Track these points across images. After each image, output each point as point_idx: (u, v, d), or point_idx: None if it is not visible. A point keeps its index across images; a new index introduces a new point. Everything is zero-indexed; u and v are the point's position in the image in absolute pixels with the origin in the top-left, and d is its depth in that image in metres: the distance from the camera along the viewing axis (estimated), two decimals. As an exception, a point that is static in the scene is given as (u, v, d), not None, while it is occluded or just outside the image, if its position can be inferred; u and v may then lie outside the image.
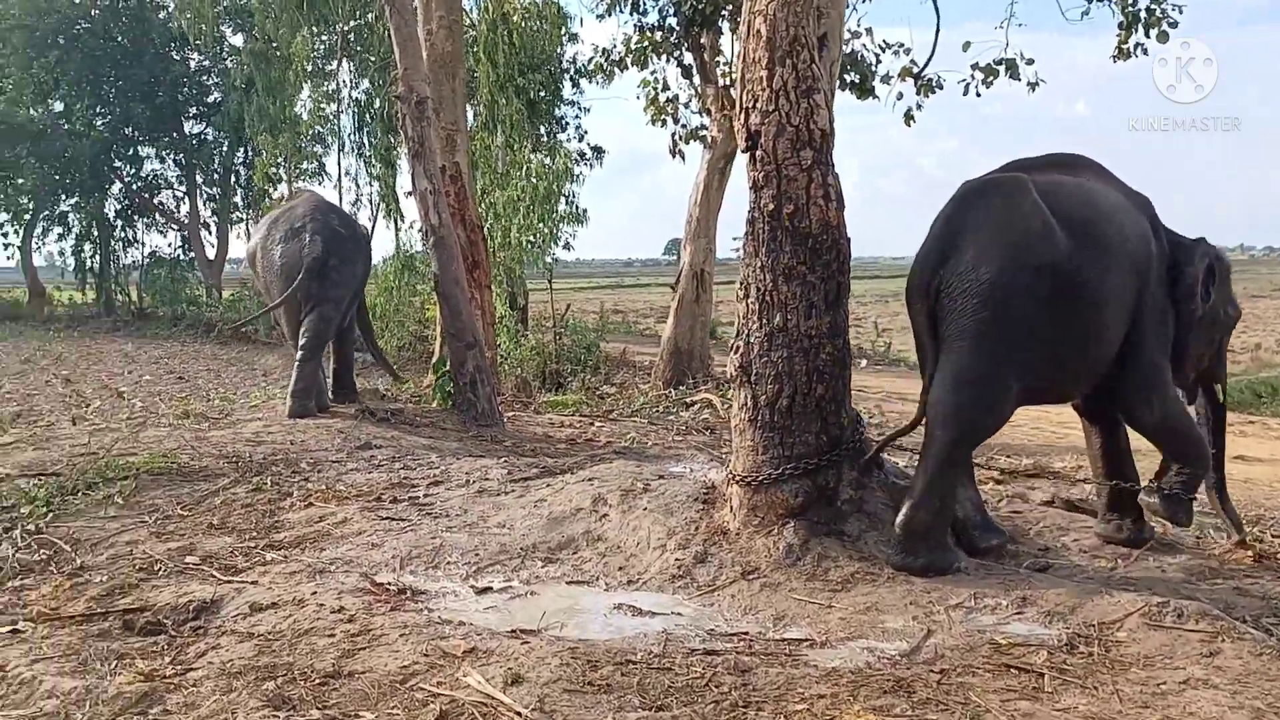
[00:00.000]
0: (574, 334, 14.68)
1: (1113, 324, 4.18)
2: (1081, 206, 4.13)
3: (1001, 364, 3.95)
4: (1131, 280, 4.19)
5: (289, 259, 8.07)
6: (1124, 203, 4.36)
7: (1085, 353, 4.20)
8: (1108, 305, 4.11)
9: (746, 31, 4.15)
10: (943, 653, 3.23)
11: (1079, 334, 4.09)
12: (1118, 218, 4.22)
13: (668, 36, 13.30)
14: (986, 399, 3.99)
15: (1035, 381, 4.09)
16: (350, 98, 22.51)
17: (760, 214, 4.12)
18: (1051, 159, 4.46)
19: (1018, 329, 3.93)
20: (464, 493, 5.29)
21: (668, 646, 3.33)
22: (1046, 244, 3.94)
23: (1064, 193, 4.14)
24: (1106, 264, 4.07)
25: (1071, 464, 7.69)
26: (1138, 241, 4.25)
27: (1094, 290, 4.05)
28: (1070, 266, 3.96)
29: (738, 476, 4.24)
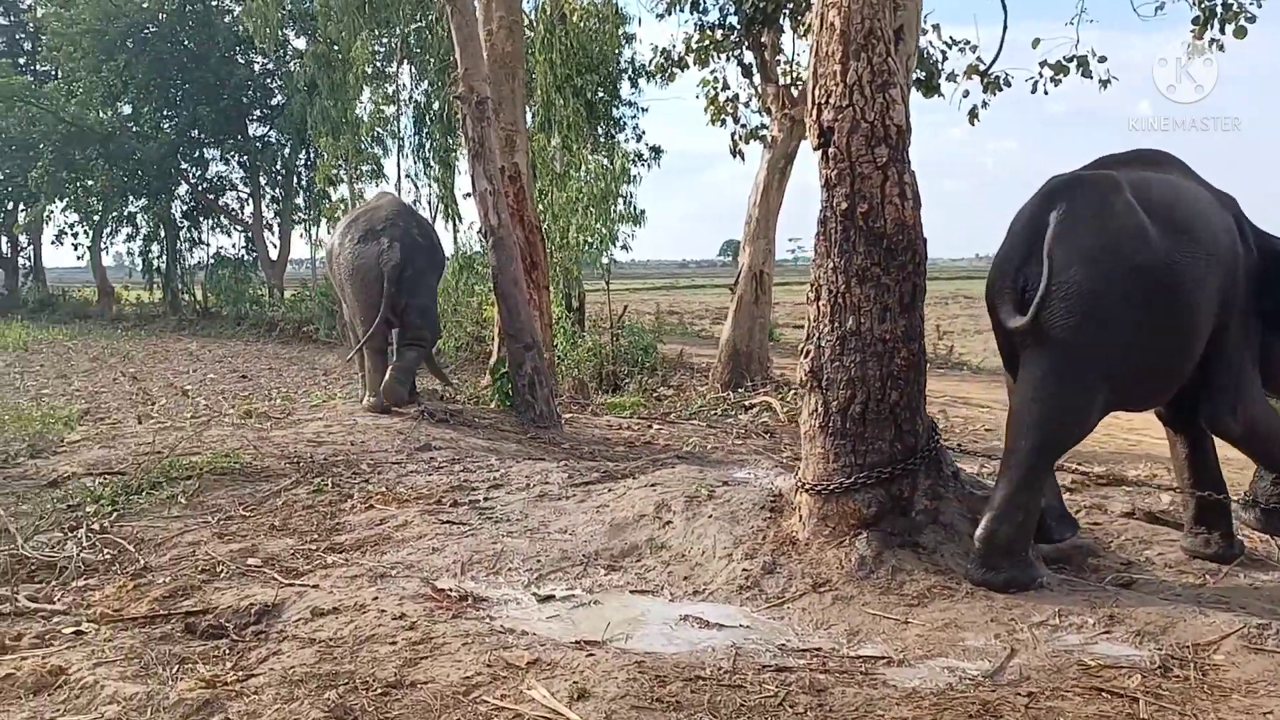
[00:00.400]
0: (631, 335, 14.59)
1: (1204, 328, 3.98)
2: (1175, 204, 3.92)
3: (1090, 370, 3.75)
4: (1219, 287, 3.98)
5: (365, 262, 8.08)
6: (1213, 201, 4.15)
7: (1176, 358, 3.99)
8: (1200, 308, 3.91)
9: (820, 24, 4.01)
10: (1028, 674, 3.07)
11: (1172, 339, 3.89)
12: (1209, 216, 4.02)
13: (728, 35, 13.15)
14: (1073, 407, 3.80)
15: (1123, 388, 3.89)
16: (410, 100, 22.72)
17: (833, 213, 3.98)
18: (1137, 155, 4.26)
19: (1109, 333, 3.73)
20: (524, 497, 5.22)
21: (738, 662, 3.22)
22: (1141, 243, 3.74)
23: (1155, 190, 3.94)
24: (1201, 265, 3.87)
25: (1145, 472, 7.43)
26: (1227, 241, 4.05)
27: (1189, 292, 3.84)
28: (1165, 267, 3.76)
29: (808, 485, 4.10)
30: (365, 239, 8.18)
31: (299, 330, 22.03)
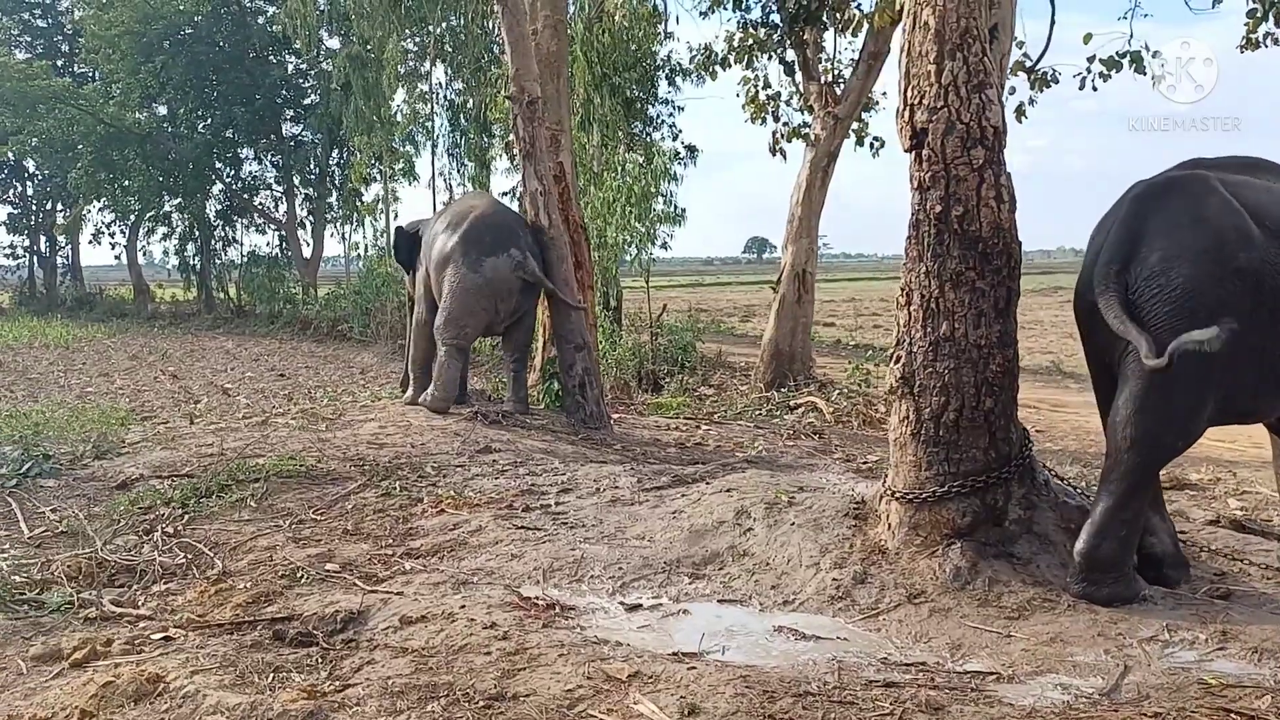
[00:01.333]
0: (670, 334, 14.53)
1: None
2: (1276, 207, 3.81)
3: (1195, 379, 3.64)
4: None
5: (499, 273, 8.07)
6: None
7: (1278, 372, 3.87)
8: None
9: (912, 24, 3.93)
10: (1147, 692, 2.99)
11: (1272, 351, 3.77)
12: None
13: (771, 33, 13.07)
14: (1178, 418, 3.69)
15: (1231, 398, 3.78)
16: (444, 99, 22.76)
17: (926, 216, 3.90)
18: (1231, 160, 4.14)
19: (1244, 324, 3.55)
20: (596, 501, 5.17)
21: (843, 676, 3.15)
22: (1245, 245, 3.62)
23: (1255, 194, 3.82)
24: None
25: (1209, 475, 7.32)
26: None
27: None
28: (1270, 269, 3.64)
29: (898, 493, 4.02)
30: (495, 248, 8.10)
31: (333, 328, 22.11)
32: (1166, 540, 3.97)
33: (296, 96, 28.58)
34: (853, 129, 13.23)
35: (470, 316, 8.18)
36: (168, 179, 27.59)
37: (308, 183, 29.07)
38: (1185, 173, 3.93)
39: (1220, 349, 3.43)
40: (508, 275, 8.09)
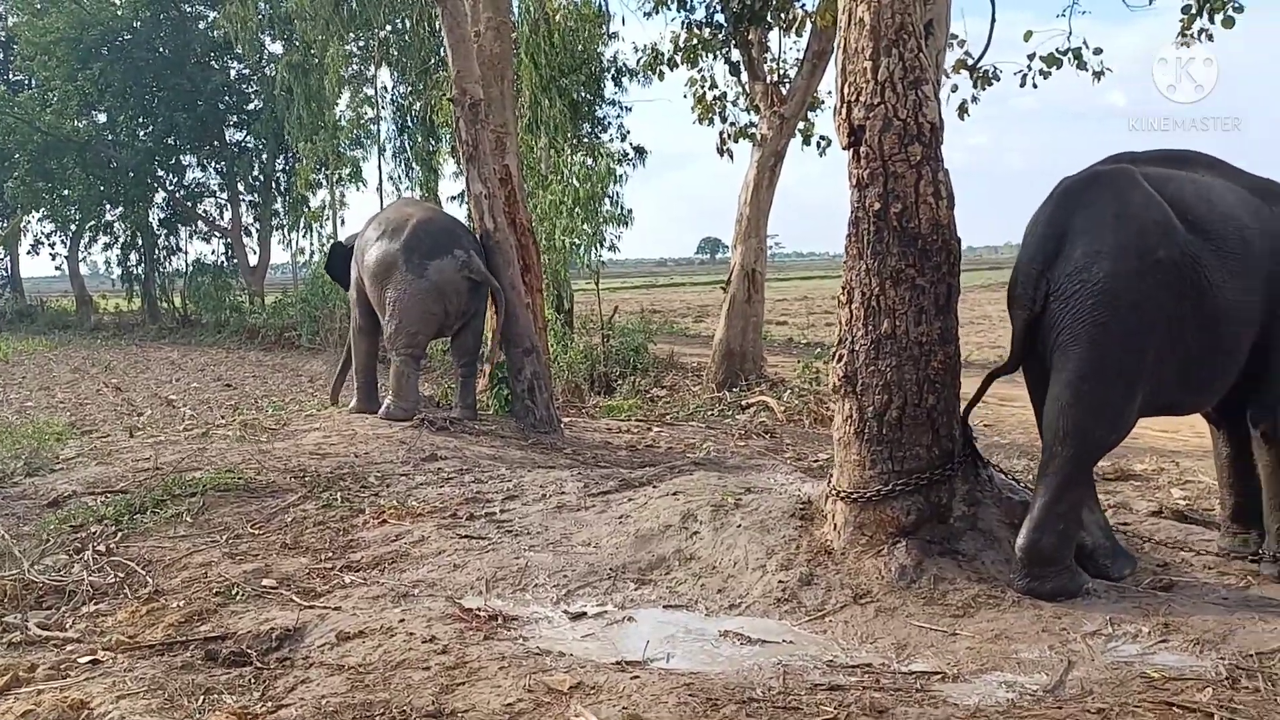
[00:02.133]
0: (621, 336, 14.48)
1: (1241, 328, 3.88)
2: (1198, 201, 3.83)
3: (1122, 371, 3.66)
4: (1259, 282, 3.89)
5: (445, 276, 7.97)
6: (1250, 201, 4.02)
7: (1211, 360, 3.90)
8: (1233, 307, 3.81)
9: (848, 20, 3.91)
10: (1090, 688, 2.98)
11: (1203, 339, 3.80)
12: (1240, 215, 3.92)
13: (716, 33, 13.06)
14: (1108, 411, 3.70)
15: (1159, 391, 3.80)
16: (390, 102, 22.54)
17: (865, 214, 3.88)
18: (1159, 154, 4.16)
19: (1138, 332, 3.65)
20: (542, 508, 5.09)
21: (788, 680, 3.11)
22: (1166, 238, 3.65)
23: (1178, 188, 3.85)
24: (1229, 263, 3.78)
25: (1152, 466, 7.39)
26: (1265, 245, 3.93)
27: (1218, 290, 3.76)
28: (1192, 264, 3.68)
29: (843, 492, 4.00)
30: (438, 250, 8.00)
31: (281, 337, 21.79)
32: (1097, 533, 3.99)
33: (239, 102, 28.14)
34: (799, 128, 13.25)
35: (421, 323, 8.07)
36: (109, 187, 27.06)
37: (252, 189, 28.65)
38: (1109, 167, 3.94)
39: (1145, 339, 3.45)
40: (454, 276, 7.99)
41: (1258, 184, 4.13)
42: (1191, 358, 3.82)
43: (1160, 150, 4.19)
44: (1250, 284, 3.86)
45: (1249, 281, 3.85)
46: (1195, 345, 3.78)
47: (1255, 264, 3.88)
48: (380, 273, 8.06)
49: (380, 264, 8.06)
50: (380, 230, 8.30)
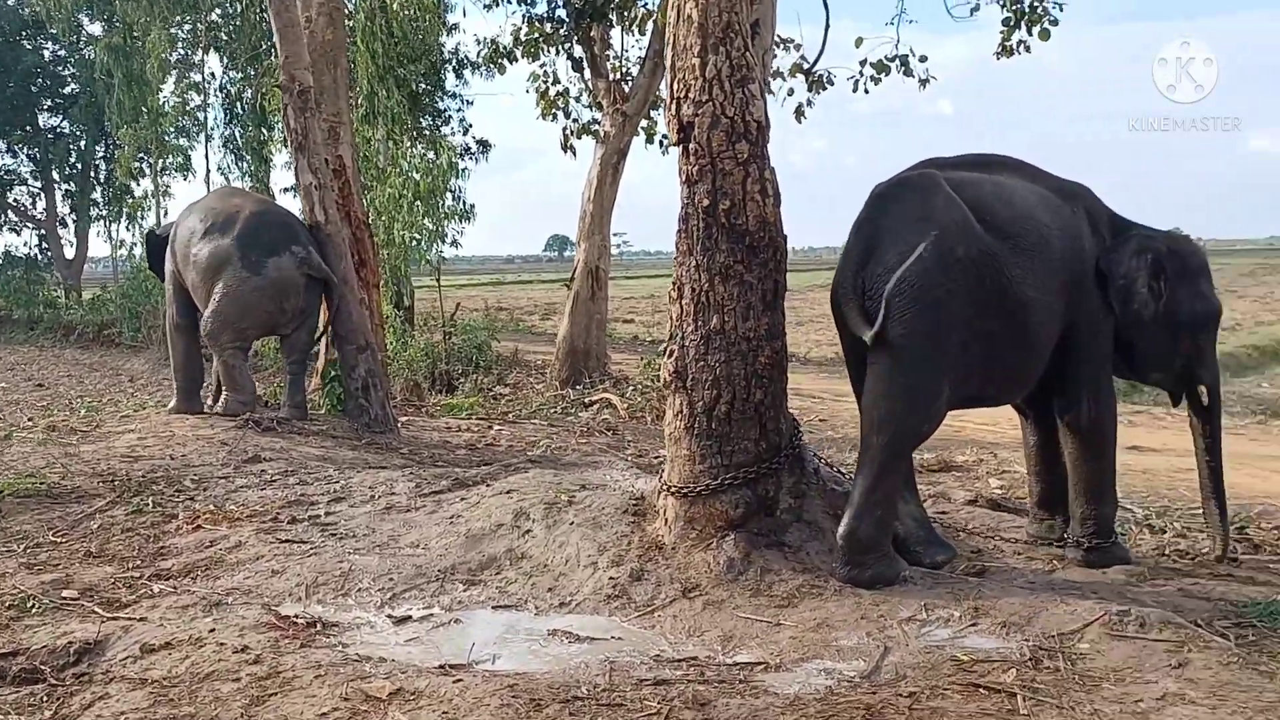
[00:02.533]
0: (464, 333, 14.26)
1: (1043, 323, 4.09)
2: (997, 202, 4.03)
3: (930, 365, 3.81)
4: (1060, 279, 4.10)
5: (284, 273, 7.62)
6: (1050, 200, 4.25)
7: (1018, 351, 4.10)
8: (1034, 303, 4.01)
9: (676, 17, 3.92)
10: (904, 672, 3.06)
11: (1006, 333, 3.98)
12: (1039, 214, 4.13)
13: (557, 28, 13.00)
14: (919, 401, 3.85)
15: (968, 381, 3.97)
16: (220, 89, 21.56)
17: (695, 210, 3.90)
18: (966, 159, 4.35)
19: (940, 331, 3.80)
20: (369, 509, 4.93)
21: (614, 677, 3.08)
22: (965, 238, 3.82)
23: (977, 190, 4.04)
24: (1028, 260, 3.98)
25: (972, 457, 7.74)
26: (1064, 242, 4.16)
27: (1018, 286, 3.95)
28: (990, 261, 3.86)
29: (673, 487, 4.01)
30: (277, 246, 7.63)
31: (100, 334, 20.53)
32: (909, 523, 4.14)
33: (55, 85, 26.33)
34: (642, 126, 13.33)
35: (250, 318, 7.72)
36: (-93, 174, 24.97)
37: (69, 178, 26.87)
38: (915, 174, 4.11)
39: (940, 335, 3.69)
40: (293, 273, 7.67)
41: (1061, 186, 4.36)
42: (997, 350, 4.00)
43: (968, 155, 4.38)
44: (1051, 279, 4.06)
45: (1050, 277, 4.06)
46: (1000, 338, 3.96)
47: (1056, 260, 4.09)
48: (211, 268, 7.65)
49: (212, 259, 7.64)
50: (207, 222, 7.86)
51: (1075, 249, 4.16)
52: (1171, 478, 6.98)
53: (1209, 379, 4.47)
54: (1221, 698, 2.74)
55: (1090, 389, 4.26)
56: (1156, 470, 7.24)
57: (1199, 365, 4.44)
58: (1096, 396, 4.27)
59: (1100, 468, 4.35)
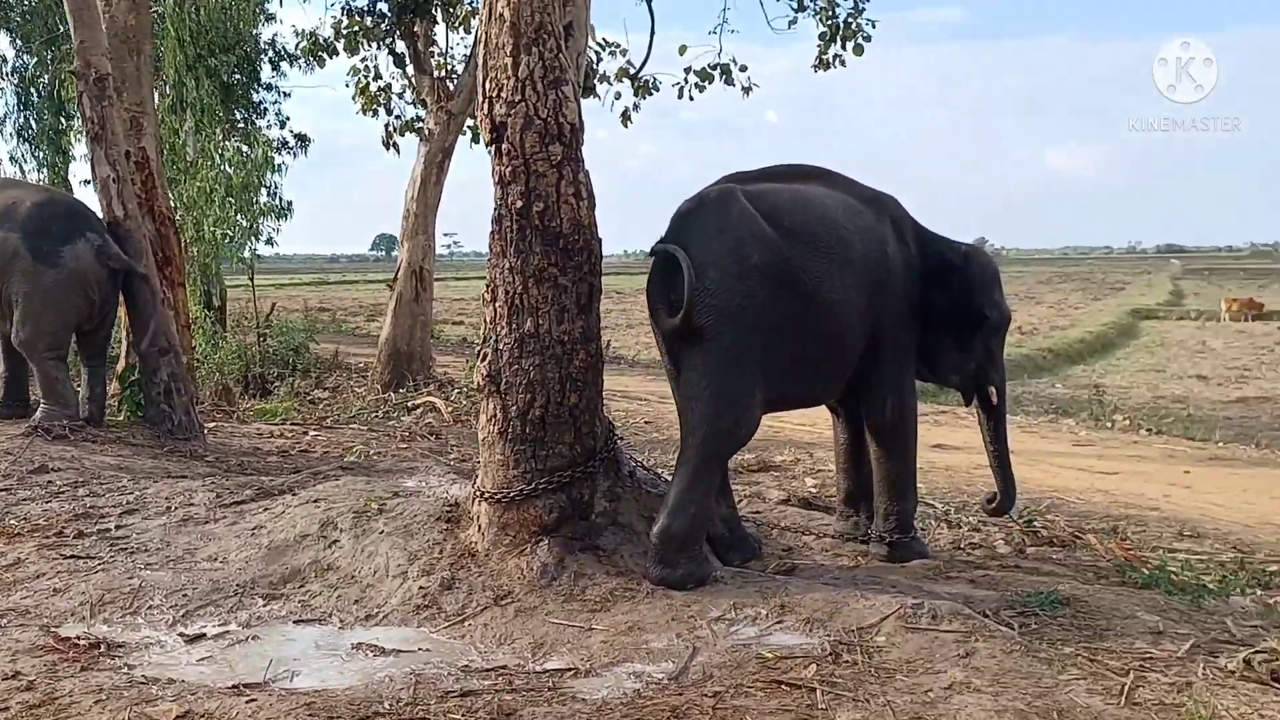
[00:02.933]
0: (280, 335, 13.72)
1: (846, 324, 4.23)
2: (794, 211, 4.16)
3: (735, 370, 3.90)
4: (862, 284, 4.25)
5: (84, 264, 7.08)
6: (853, 207, 4.40)
7: (821, 354, 4.22)
8: (836, 305, 4.15)
9: (488, 15, 3.86)
10: (711, 672, 3.10)
11: (810, 334, 4.11)
12: (839, 222, 4.27)
13: (379, 22, 12.67)
14: (729, 405, 3.92)
15: (778, 385, 4.08)
16: (11, 73, 20.02)
17: (508, 212, 3.85)
18: (772, 170, 4.47)
19: (745, 335, 3.91)
20: (165, 522, 4.66)
21: (418, 690, 3.00)
22: (760, 247, 3.94)
23: (774, 199, 4.17)
24: (826, 266, 4.12)
25: (790, 457, 7.96)
26: (867, 245, 4.32)
27: (818, 289, 4.08)
28: (787, 269, 3.99)
29: (486, 493, 3.94)
30: (70, 235, 7.06)
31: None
32: (718, 524, 4.22)
33: None
34: (468, 125, 13.16)
35: (63, 319, 7.17)
36: None
37: None
38: (715, 189, 4.21)
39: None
40: (93, 263, 7.15)
41: (867, 194, 4.51)
42: (803, 352, 4.13)
43: (778, 166, 4.50)
44: (852, 282, 4.19)
45: (851, 279, 4.19)
46: (805, 340, 4.09)
47: (857, 264, 4.22)
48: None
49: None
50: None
51: (878, 254, 4.32)
52: (971, 475, 7.37)
53: (997, 380, 4.75)
54: (1004, 685, 2.89)
55: (893, 389, 4.44)
56: (958, 467, 7.63)
57: (990, 368, 4.71)
58: (899, 397, 4.45)
59: (902, 465, 4.54)
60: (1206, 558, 5.15)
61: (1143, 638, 3.38)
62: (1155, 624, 3.54)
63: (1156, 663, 3.16)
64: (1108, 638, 3.39)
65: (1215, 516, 6.34)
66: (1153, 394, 17.54)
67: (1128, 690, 2.92)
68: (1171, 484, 7.56)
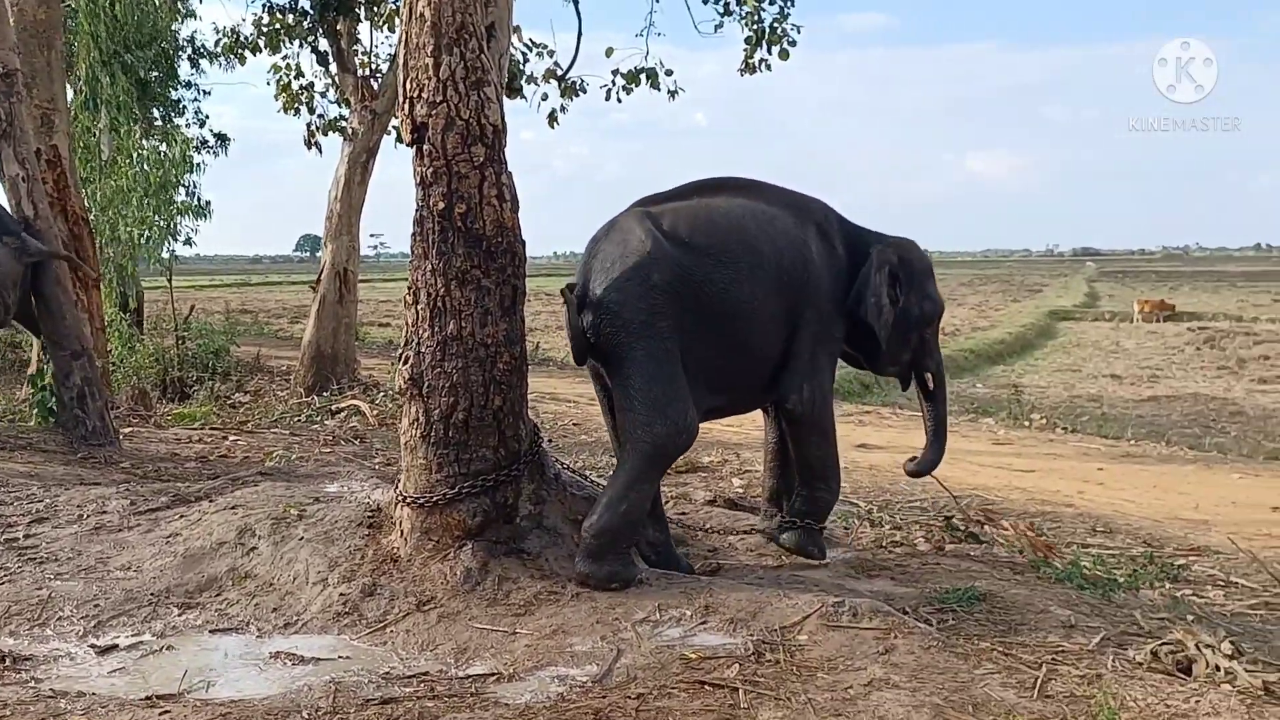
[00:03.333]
0: (199, 337, 13.41)
1: (760, 330, 4.25)
2: (695, 226, 4.22)
3: (662, 380, 3.96)
4: (775, 287, 4.25)
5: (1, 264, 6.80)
6: (765, 214, 4.39)
7: (738, 360, 4.25)
8: (747, 312, 4.19)
9: (409, 14, 3.82)
10: (635, 674, 3.11)
11: (724, 345, 4.16)
12: (746, 230, 4.29)
13: (300, 20, 12.48)
14: (662, 414, 3.93)
15: (709, 395, 4.14)
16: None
17: (430, 213, 3.81)
18: (687, 187, 4.51)
19: (659, 347, 3.98)
20: (76, 530, 4.51)
21: (338, 699, 2.96)
22: (660, 266, 4.03)
23: (676, 217, 4.25)
24: (731, 275, 4.16)
25: (718, 458, 8.02)
26: (781, 249, 4.32)
27: (722, 301, 4.14)
28: (688, 282, 4.07)
29: (409, 498, 3.90)
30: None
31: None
32: (645, 548, 4.26)
33: None
34: (393, 125, 13.01)
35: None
36: None
37: None
38: (624, 213, 4.30)
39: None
40: (11, 263, 6.90)
41: (789, 200, 4.54)
42: (723, 359, 4.18)
43: (690, 183, 4.53)
44: (763, 288, 4.21)
45: (762, 284, 4.21)
46: (721, 348, 4.14)
47: (768, 269, 4.24)
48: None
49: None
50: None
51: (795, 256, 4.34)
52: (894, 473, 7.48)
53: (933, 366, 4.86)
54: (922, 680, 2.95)
55: (808, 376, 4.41)
56: (881, 467, 7.75)
57: (925, 356, 4.82)
58: (814, 383, 4.43)
59: (821, 454, 4.55)
60: (1118, 552, 5.32)
61: (1055, 631, 3.48)
62: (1067, 618, 3.63)
63: (1068, 655, 3.25)
64: (1022, 632, 3.48)
65: (1126, 512, 6.54)
66: (1069, 393, 18.04)
67: (1040, 683, 3.00)
68: (1086, 481, 7.78)
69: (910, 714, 2.74)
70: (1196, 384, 19.32)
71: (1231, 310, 36.52)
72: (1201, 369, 21.87)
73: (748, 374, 4.34)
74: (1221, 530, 5.79)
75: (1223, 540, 5.52)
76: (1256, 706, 2.86)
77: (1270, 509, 6.76)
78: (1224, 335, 27.98)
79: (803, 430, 4.53)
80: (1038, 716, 2.79)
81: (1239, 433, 13.51)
